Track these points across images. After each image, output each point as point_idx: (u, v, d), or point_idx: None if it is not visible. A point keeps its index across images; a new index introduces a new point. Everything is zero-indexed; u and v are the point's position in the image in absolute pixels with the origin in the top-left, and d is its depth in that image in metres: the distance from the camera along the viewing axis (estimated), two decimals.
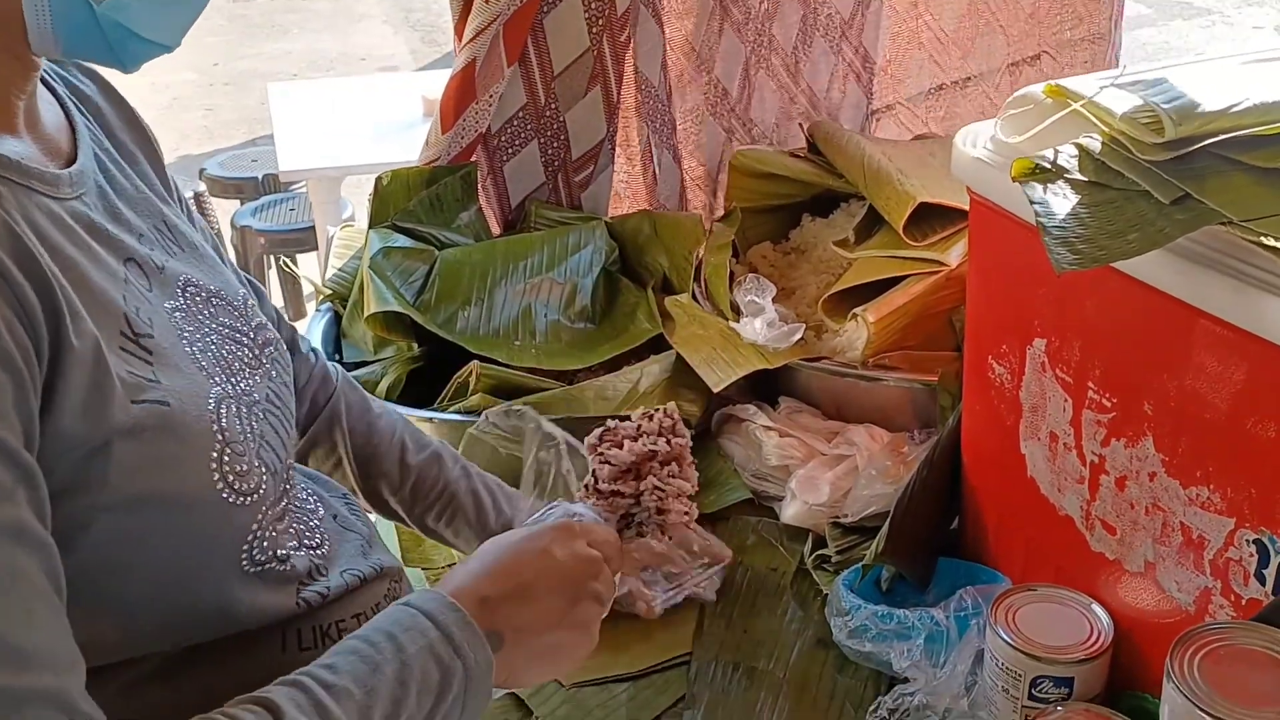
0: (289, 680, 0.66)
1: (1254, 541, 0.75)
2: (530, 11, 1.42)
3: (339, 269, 1.44)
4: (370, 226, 1.41)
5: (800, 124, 1.63)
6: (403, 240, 1.37)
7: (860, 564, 1.04)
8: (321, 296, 1.42)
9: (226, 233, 3.57)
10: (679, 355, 1.26)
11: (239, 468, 0.71)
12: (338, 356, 1.35)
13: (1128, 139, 0.77)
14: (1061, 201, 0.76)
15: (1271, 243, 0.68)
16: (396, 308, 1.29)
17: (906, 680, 0.92)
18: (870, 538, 1.06)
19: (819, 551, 1.12)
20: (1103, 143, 0.78)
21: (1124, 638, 0.86)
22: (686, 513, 0.89)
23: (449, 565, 1.15)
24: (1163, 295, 0.76)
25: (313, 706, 0.64)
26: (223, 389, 0.74)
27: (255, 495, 0.73)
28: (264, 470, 0.74)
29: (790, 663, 1.01)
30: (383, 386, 1.26)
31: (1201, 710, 0.68)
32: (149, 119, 0.89)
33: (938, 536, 1.09)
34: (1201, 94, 0.77)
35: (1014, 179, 0.79)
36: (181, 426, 0.68)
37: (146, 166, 0.85)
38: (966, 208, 0.98)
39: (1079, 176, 0.77)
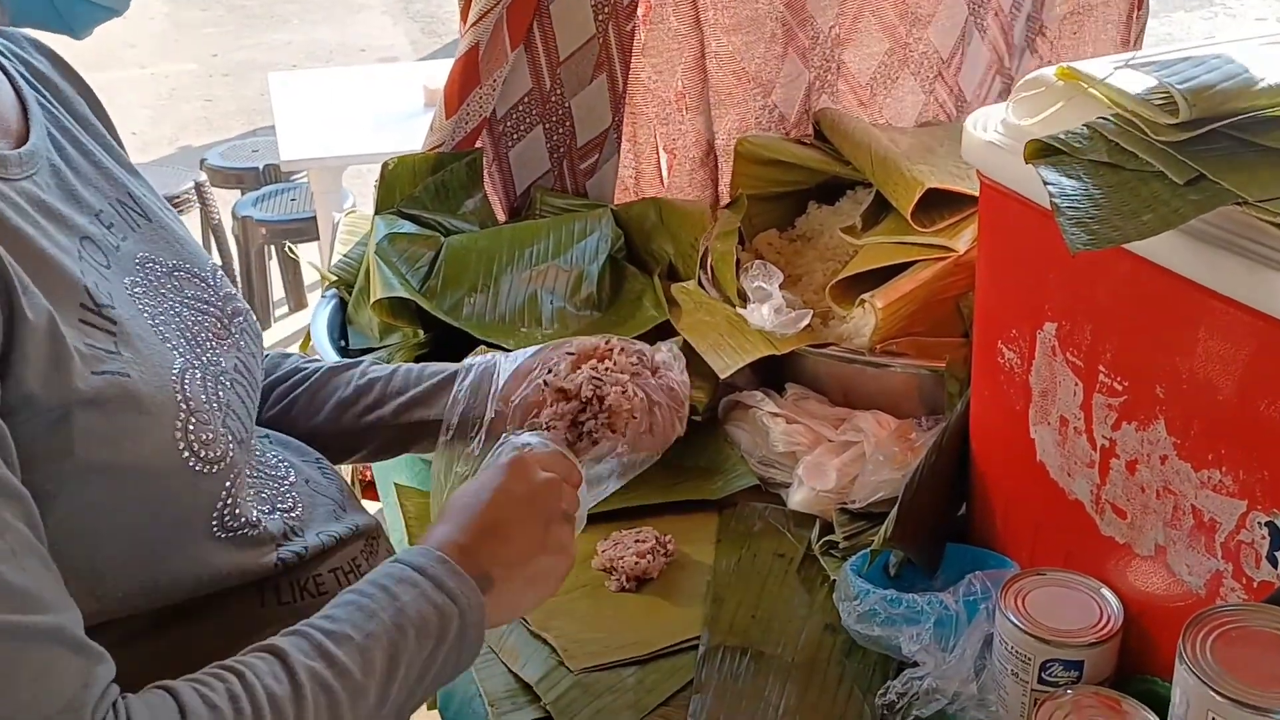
0: (291, 630, 0.69)
1: (1266, 524, 0.75)
2: None
3: (344, 255, 1.44)
4: (376, 213, 1.41)
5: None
6: (408, 226, 1.36)
7: (868, 549, 1.04)
8: (327, 283, 1.42)
9: (228, 223, 3.57)
10: (686, 342, 1.26)
11: (204, 436, 0.72)
12: (343, 343, 1.35)
13: (1142, 120, 0.76)
14: (1075, 183, 0.75)
15: None
16: (402, 294, 1.29)
17: (915, 664, 0.92)
18: (878, 523, 1.06)
19: (826, 537, 1.12)
20: (1116, 124, 0.78)
21: (1134, 621, 0.86)
22: (630, 408, 0.89)
23: None
24: (1175, 276, 0.76)
25: (315, 650, 0.67)
26: (186, 360, 0.74)
27: (222, 464, 0.73)
28: (230, 439, 0.74)
29: (798, 647, 1.01)
30: None
31: (1213, 691, 0.68)
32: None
33: (946, 522, 1.08)
34: (1216, 75, 0.77)
35: (1027, 160, 0.79)
36: (144, 397, 0.69)
37: (109, 138, 0.85)
38: (975, 193, 0.98)
39: (1092, 158, 0.77)
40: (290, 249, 2.02)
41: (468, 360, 0.97)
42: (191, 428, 0.71)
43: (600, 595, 1.08)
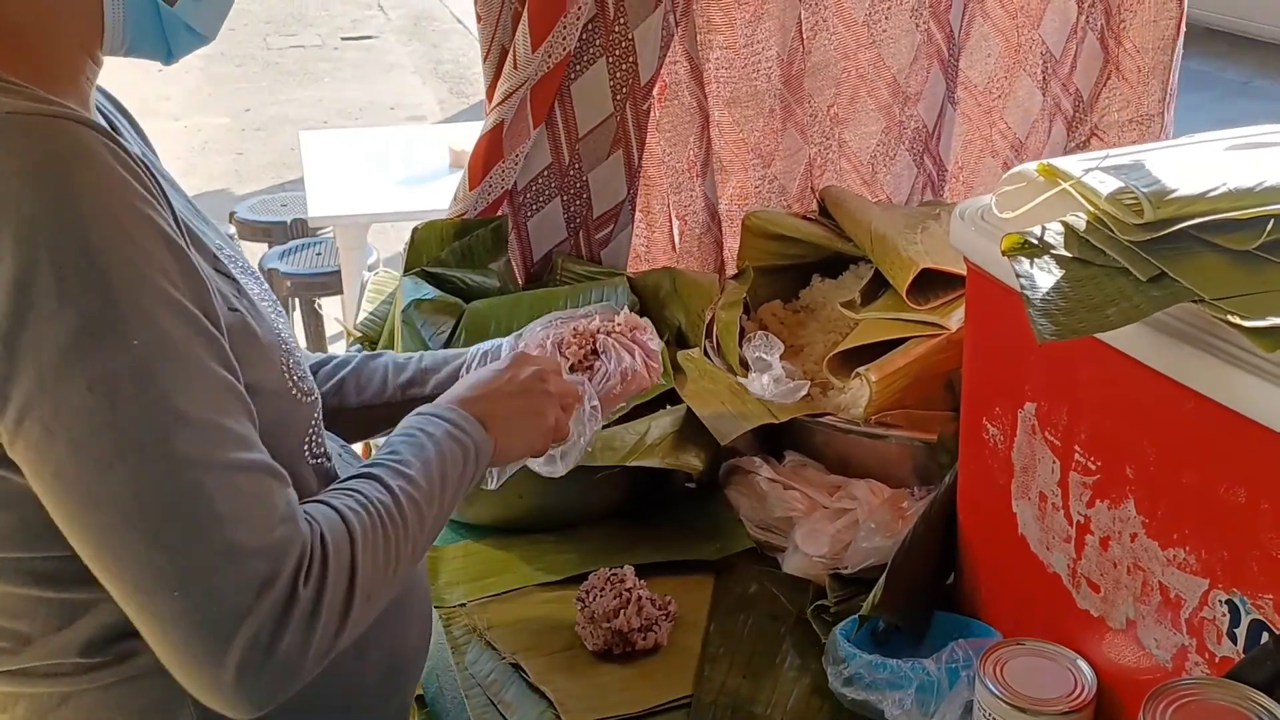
0: (371, 463, 0.88)
1: (1226, 602, 0.79)
2: (556, 77, 1.49)
3: (370, 313, 1.51)
4: (404, 273, 1.48)
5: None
6: (432, 292, 1.43)
7: (858, 615, 1.08)
8: (352, 339, 1.49)
9: None
10: (689, 408, 1.31)
11: (299, 373, 0.87)
12: None
13: (1110, 219, 0.82)
14: (1046, 275, 0.81)
15: (1237, 320, 0.73)
16: None
17: None
18: (868, 590, 1.10)
19: (818, 602, 1.16)
20: (1087, 221, 0.84)
21: (1106, 692, 0.89)
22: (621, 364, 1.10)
23: (460, 605, 1.19)
24: (1142, 366, 0.81)
25: (396, 473, 0.86)
26: (273, 319, 0.89)
27: (312, 396, 0.89)
28: (311, 380, 0.90)
29: (787, 708, 1.05)
30: None
31: None
32: (181, 161, 1.00)
33: (933, 590, 1.12)
34: (1181, 178, 0.83)
35: (1004, 253, 0.85)
36: (260, 334, 0.83)
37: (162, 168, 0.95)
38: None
39: (1064, 252, 0.83)
40: (318, 306, 2.10)
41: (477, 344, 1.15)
42: (292, 364, 0.86)
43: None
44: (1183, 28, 1.75)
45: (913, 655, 1.03)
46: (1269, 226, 0.79)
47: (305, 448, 0.89)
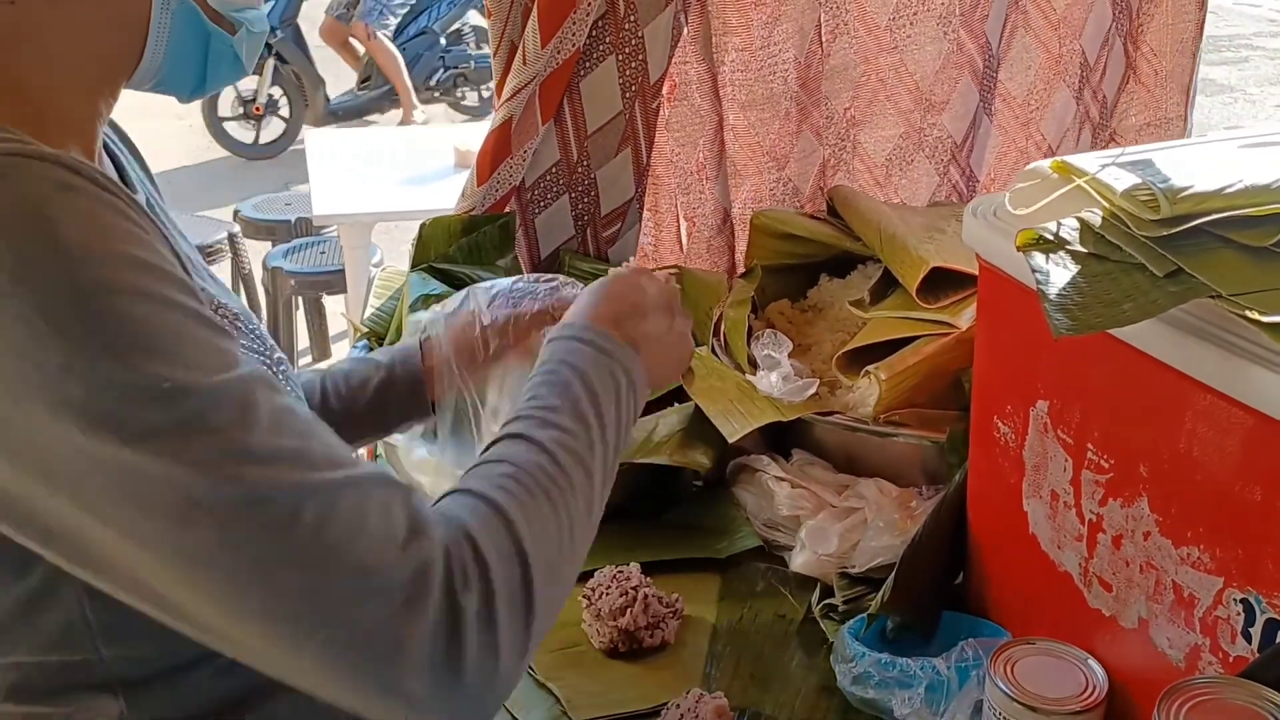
0: (513, 418, 0.78)
1: (1241, 600, 0.79)
2: (565, 73, 1.49)
3: (377, 309, 1.51)
4: (411, 269, 1.48)
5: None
6: (440, 287, 1.42)
7: (866, 614, 1.07)
8: (359, 334, 1.49)
9: (258, 273, 3.67)
10: (697, 406, 1.31)
11: None
12: None
13: (1126, 215, 0.82)
14: (1062, 271, 0.80)
15: (1256, 316, 0.72)
16: None
17: None
18: (876, 588, 1.10)
19: (826, 600, 1.16)
20: (1103, 217, 0.83)
21: (1118, 692, 0.89)
22: None
23: None
24: (1157, 362, 0.81)
25: (544, 423, 0.77)
26: None
27: None
28: None
29: (795, 707, 1.04)
30: None
31: None
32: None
33: (942, 589, 1.12)
34: (1197, 175, 0.82)
35: (1019, 249, 0.84)
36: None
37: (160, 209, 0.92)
38: (977, 273, 1.03)
39: (1079, 248, 0.82)
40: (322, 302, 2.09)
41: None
42: None
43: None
44: (1204, 29, 1.74)
45: (921, 655, 1.02)
46: None
47: None
